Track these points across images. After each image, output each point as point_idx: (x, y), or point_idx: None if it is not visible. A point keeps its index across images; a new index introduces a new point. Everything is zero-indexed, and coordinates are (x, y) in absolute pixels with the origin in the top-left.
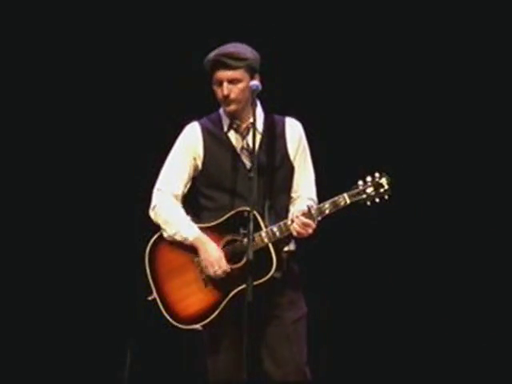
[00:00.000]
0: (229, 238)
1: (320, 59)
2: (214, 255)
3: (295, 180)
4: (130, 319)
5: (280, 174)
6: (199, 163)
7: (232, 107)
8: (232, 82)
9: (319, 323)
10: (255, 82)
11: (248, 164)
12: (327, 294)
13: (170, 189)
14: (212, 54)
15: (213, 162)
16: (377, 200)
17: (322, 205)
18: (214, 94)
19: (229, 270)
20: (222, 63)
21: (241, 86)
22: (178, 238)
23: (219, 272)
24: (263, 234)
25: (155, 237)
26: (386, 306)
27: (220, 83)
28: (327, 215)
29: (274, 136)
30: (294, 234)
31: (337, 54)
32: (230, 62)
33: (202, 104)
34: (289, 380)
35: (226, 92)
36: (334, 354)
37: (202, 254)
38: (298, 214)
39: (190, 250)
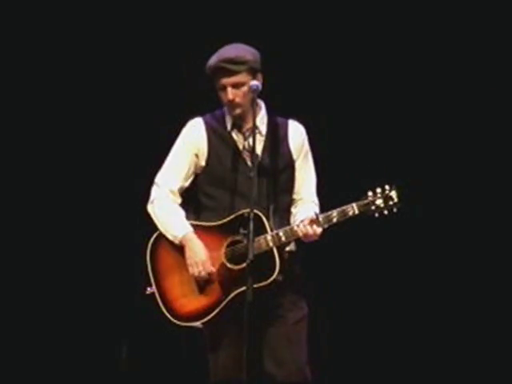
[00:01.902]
0: (232, 239)
1: (328, 62)
2: (199, 256)
3: (297, 182)
4: (128, 315)
5: (283, 175)
6: (202, 160)
7: (238, 111)
8: (235, 86)
9: (319, 323)
10: (255, 82)
11: (250, 164)
12: (327, 294)
13: (168, 184)
14: (213, 61)
15: (216, 160)
16: (385, 212)
17: (329, 213)
18: (217, 96)
19: (213, 271)
20: (223, 69)
21: (244, 89)
22: (169, 236)
23: (203, 273)
24: (269, 237)
25: (158, 232)
26: (386, 307)
27: (224, 88)
28: (334, 224)
29: (277, 138)
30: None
31: (345, 57)
32: (231, 67)
33: (204, 100)
34: (290, 380)
35: (230, 97)
36: (334, 354)
37: (187, 253)
38: (306, 222)
39: None
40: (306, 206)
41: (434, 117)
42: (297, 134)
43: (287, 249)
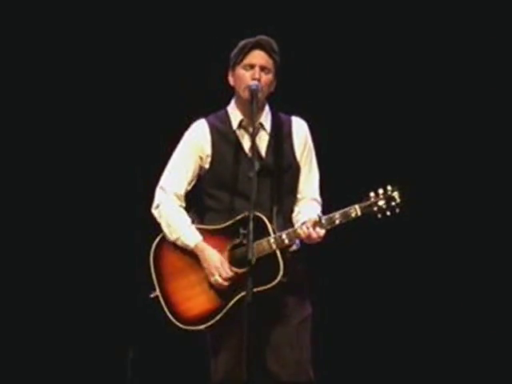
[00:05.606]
0: (236, 241)
1: (330, 62)
2: (213, 263)
3: (300, 180)
4: (132, 319)
5: (287, 175)
6: (206, 162)
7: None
8: (263, 70)
9: (321, 323)
10: (255, 82)
11: (256, 164)
12: (328, 294)
13: (172, 188)
14: (251, 39)
15: (220, 161)
16: (388, 213)
17: (332, 215)
18: (229, 85)
19: (231, 275)
20: (260, 47)
21: (269, 76)
22: (179, 243)
23: (220, 280)
24: (271, 239)
25: (161, 235)
26: (387, 307)
27: (251, 67)
28: (337, 225)
29: (281, 136)
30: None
31: (346, 56)
32: (268, 49)
33: (207, 101)
34: (293, 380)
35: (257, 76)
36: (335, 354)
37: (203, 263)
38: (309, 224)
39: None
40: (308, 206)
41: (435, 118)
42: (300, 131)
43: (290, 249)
